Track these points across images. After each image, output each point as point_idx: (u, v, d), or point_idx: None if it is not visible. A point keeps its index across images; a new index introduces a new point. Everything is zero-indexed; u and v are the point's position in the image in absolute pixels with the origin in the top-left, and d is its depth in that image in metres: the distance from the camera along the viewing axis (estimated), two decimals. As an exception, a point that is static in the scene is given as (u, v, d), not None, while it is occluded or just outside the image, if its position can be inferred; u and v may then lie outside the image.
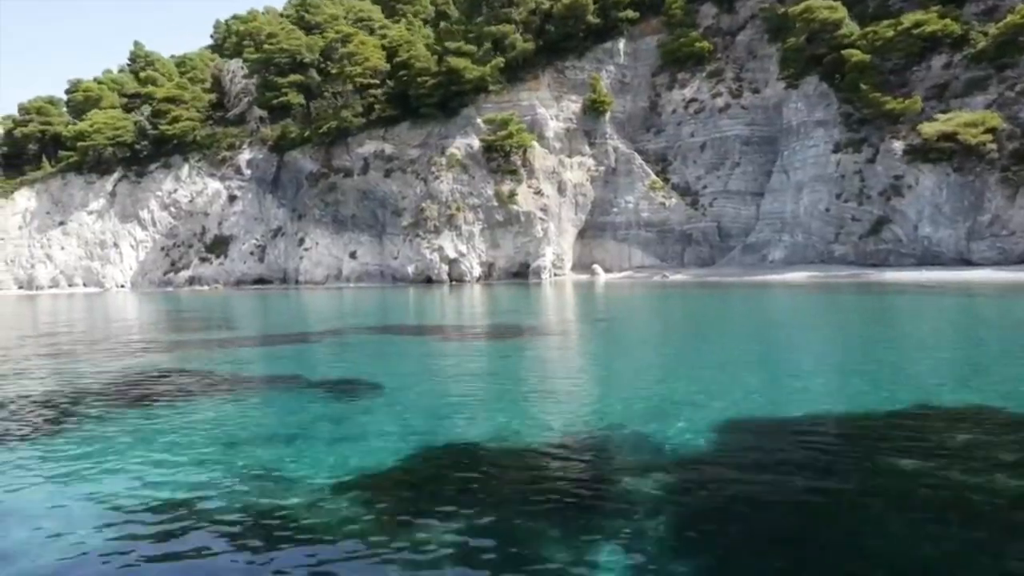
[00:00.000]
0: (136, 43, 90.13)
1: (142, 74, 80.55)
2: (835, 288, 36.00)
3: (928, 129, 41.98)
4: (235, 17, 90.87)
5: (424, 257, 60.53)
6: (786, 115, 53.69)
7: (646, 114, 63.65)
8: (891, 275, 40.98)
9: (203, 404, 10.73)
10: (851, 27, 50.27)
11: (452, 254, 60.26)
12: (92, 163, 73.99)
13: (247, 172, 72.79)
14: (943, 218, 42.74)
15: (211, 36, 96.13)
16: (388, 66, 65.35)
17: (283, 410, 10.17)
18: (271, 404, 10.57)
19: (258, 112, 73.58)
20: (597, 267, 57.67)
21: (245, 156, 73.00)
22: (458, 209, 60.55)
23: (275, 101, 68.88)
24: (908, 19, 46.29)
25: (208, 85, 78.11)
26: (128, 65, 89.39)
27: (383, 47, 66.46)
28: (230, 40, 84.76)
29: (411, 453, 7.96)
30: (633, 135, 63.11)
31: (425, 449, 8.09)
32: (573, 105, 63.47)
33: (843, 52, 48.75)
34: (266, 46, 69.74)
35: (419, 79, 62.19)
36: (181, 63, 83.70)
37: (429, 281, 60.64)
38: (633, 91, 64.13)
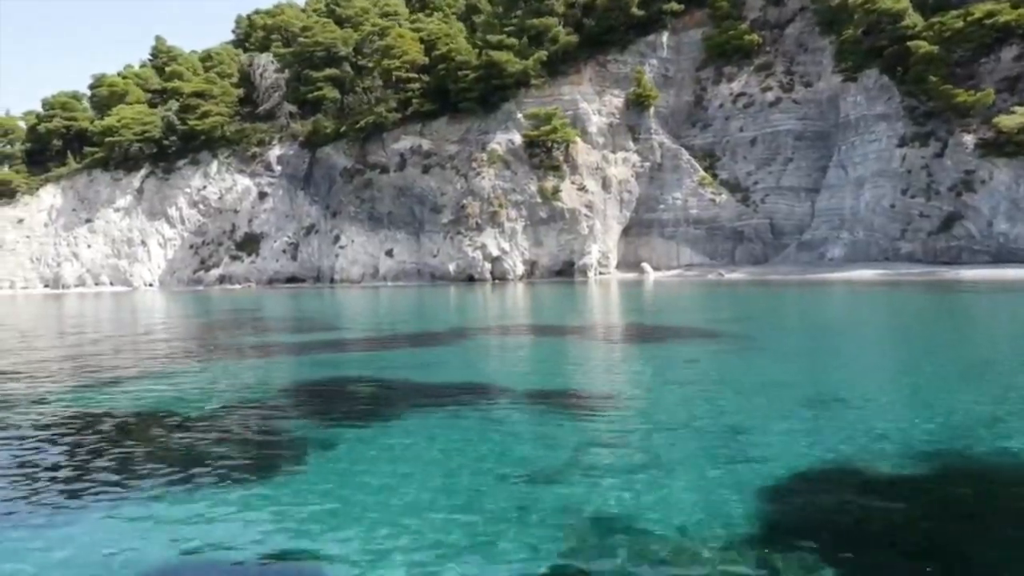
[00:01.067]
0: (158, 38, 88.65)
1: (167, 69, 78.96)
2: (920, 286, 34.55)
3: (1007, 122, 40.58)
4: (259, 12, 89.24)
5: (466, 255, 59.08)
6: (843, 109, 52.29)
7: (691, 109, 62.22)
8: (969, 273, 39.56)
9: (431, 424, 9.25)
10: (914, 18, 48.84)
11: (495, 252, 58.83)
12: (118, 159, 72.49)
13: (277, 168, 71.32)
14: (1021, 213, 41.32)
15: (232, 32, 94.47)
16: (426, 60, 63.82)
17: (538, 433, 8.64)
18: (514, 425, 9.08)
19: (288, 107, 72.11)
20: (646, 265, 56.25)
21: (275, 152, 71.53)
22: (501, 206, 59.11)
23: (310, 96, 67.35)
24: (979, 9, 44.87)
25: (235, 80, 76.59)
26: (150, 60, 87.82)
27: (420, 40, 64.91)
28: (255, 35, 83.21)
29: (771, 485, 6.50)
30: (677, 130, 61.67)
31: (795, 480, 6.63)
32: (616, 99, 62.01)
33: (908, 44, 47.30)
34: (301, 39, 68.20)
35: (460, 73, 60.70)
36: (206, 58, 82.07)
37: (471, 279, 59.21)
38: (676, 85, 62.70)
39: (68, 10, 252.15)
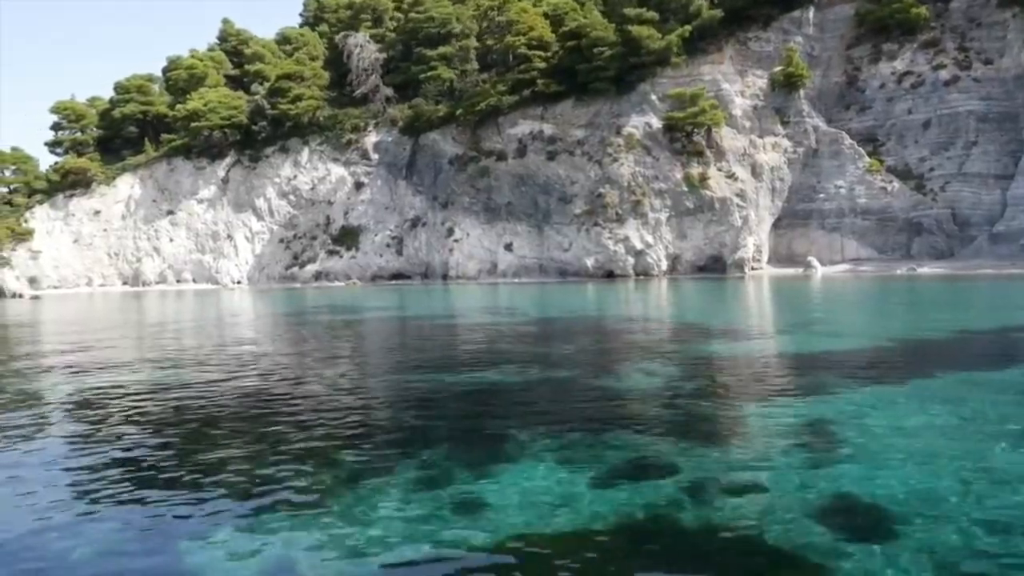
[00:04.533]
0: (225, 20, 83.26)
1: (246, 51, 73.62)
2: None
3: None
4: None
5: (606, 249, 53.95)
6: (1041, 87, 47.36)
7: (843, 90, 57.23)
8: None
9: None
10: None
11: (638, 245, 53.72)
12: (201, 147, 67.10)
13: (375, 156, 66.06)
14: None
15: (300, 14, 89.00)
16: (553, 36, 58.63)
17: None
18: None
19: (385, 91, 66.87)
20: (813, 259, 51.06)
21: (372, 139, 66.27)
22: (643, 195, 54.01)
23: (422, 75, 62.00)
24: None
25: (321, 63, 71.23)
26: (218, 44, 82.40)
27: (544, 15, 59.73)
28: (335, 15, 77.59)
29: None
30: (828, 113, 56.68)
31: None
32: (759, 80, 57.01)
33: None
34: (412, 15, 62.88)
35: (594, 50, 55.51)
36: (283, 40, 76.76)
37: (610, 275, 54.03)
38: (823, 65, 57.78)
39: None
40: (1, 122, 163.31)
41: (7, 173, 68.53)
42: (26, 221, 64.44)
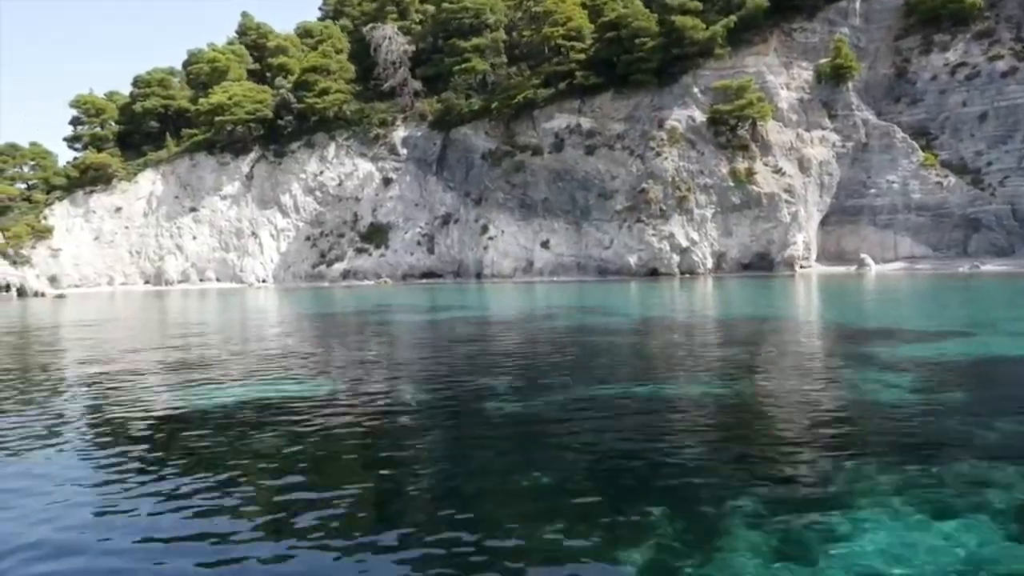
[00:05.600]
0: (244, 14, 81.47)
1: (268, 44, 71.82)
2: None
3: None
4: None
5: (650, 246, 52.17)
6: (1108, 77, 45.58)
7: (891, 82, 55.41)
8: None
9: None
10: None
11: (684, 242, 51.94)
12: (224, 142, 65.30)
13: (403, 152, 64.32)
14: None
15: (320, 8, 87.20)
16: (591, 27, 56.87)
17: None
18: None
19: (414, 84, 65.08)
20: (867, 257, 49.29)
21: (400, 133, 64.53)
22: (688, 190, 52.24)
23: (456, 68, 60.24)
24: None
25: (345, 56, 69.42)
26: (237, 38, 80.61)
27: (582, 5, 57.96)
28: (358, 8, 75.76)
29: None
30: (876, 106, 54.85)
31: None
32: (804, 72, 55.21)
33: None
34: (445, 4, 61.06)
35: (636, 41, 53.74)
36: (305, 33, 74.94)
37: (653, 273, 52.25)
38: (870, 56, 55.91)
39: None
40: (4, 121, 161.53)
41: (25, 169, 66.80)
42: (45, 218, 62.72)
